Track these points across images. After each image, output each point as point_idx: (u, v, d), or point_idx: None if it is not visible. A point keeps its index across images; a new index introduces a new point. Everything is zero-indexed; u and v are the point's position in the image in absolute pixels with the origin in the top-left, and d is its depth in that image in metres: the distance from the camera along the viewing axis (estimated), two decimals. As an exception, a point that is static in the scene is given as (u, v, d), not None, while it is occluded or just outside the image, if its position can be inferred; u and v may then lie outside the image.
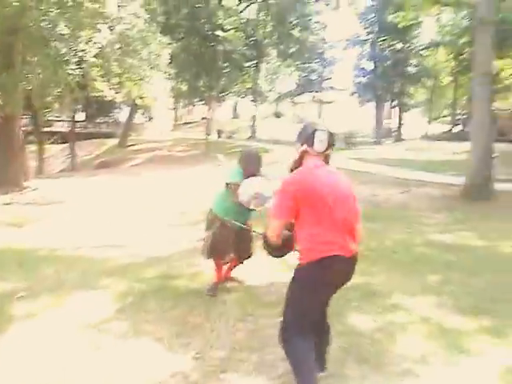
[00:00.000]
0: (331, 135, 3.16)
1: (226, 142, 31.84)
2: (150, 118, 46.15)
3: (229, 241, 4.77)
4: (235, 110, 53.02)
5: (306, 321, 3.10)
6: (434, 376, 3.39)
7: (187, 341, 3.95)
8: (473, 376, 3.40)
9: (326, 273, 2.98)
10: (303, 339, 3.05)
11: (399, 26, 26.72)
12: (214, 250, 4.80)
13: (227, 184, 4.70)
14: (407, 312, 4.61)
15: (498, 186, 12.64)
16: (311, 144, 3.12)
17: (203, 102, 38.40)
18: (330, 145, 3.17)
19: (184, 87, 33.93)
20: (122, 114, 38.99)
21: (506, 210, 11.04)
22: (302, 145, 3.18)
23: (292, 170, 3.21)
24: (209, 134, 29.72)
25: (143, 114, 42.76)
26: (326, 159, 3.21)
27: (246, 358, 3.67)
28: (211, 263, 5.11)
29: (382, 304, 4.79)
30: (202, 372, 3.46)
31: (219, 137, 36.23)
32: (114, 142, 35.42)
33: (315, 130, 3.14)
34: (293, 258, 6.05)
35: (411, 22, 26.20)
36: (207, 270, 5.76)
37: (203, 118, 43.06)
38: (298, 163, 3.21)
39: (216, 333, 4.11)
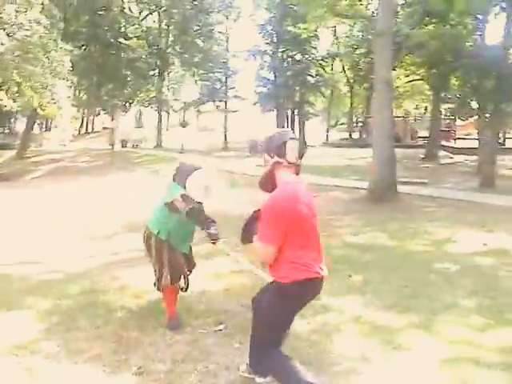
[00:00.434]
0: (302, 144, 3.03)
1: (131, 152, 31.16)
2: (49, 128, 44.08)
3: (182, 262, 4.43)
4: (139, 119, 52.15)
5: (282, 335, 3.13)
6: (376, 372, 3.53)
7: (125, 356, 3.82)
8: (412, 369, 3.57)
9: (308, 292, 3.02)
10: (280, 350, 3.07)
11: (302, 37, 27.82)
12: (173, 278, 4.37)
13: (166, 204, 4.27)
14: (338, 312, 4.76)
15: (398, 188, 13.38)
16: (283, 155, 2.94)
17: (106, 112, 37.35)
18: (301, 154, 3.02)
19: (84, 96, 32.84)
20: (19, 124, 36.94)
21: (409, 210, 11.70)
22: (272, 156, 2.98)
23: (263, 184, 3.07)
24: (113, 144, 28.98)
25: (41, 123, 40.77)
26: (297, 170, 3.04)
27: (190, 369, 3.60)
28: (137, 277, 4.93)
29: (311, 306, 4.86)
30: (147, 387, 3.37)
31: (123, 146, 35.33)
32: (11, 153, 33.37)
33: (286, 139, 2.96)
34: (222, 267, 6.10)
35: (310, 34, 27.40)
36: (133, 283, 5.64)
37: (104, 128, 41.87)
38: (270, 176, 3.03)
39: (154, 346, 4.00)
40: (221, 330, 4.32)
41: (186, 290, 4.60)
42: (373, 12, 24.23)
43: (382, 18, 13.50)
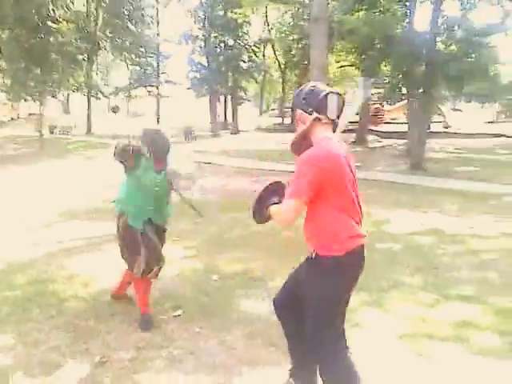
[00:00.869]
0: (342, 98, 2.70)
1: (62, 139, 30.12)
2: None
3: (158, 246, 4.18)
4: (67, 104, 50.27)
5: (342, 318, 2.76)
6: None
7: (85, 346, 3.76)
8: (372, 346, 3.72)
9: (362, 263, 2.69)
10: (344, 342, 2.76)
11: (234, 22, 27.62)
12: (148, 267, 4.08)
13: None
14: (293, 294, 4.85)
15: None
16: (324, 110, 2.62)
17: (32, 97, 35.69)
18: (341, 111, 2.70)
19: (9, 81, 31.26)
20: None
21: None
22: (310, 112, 2.63)
23: (298, 146, 2.72)
24: (40, 131, 27.80)
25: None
26: (335, 127, 2.72)
27: (154, 355, 3.60)
28: (84, 265, 4.78)
29: (267, 289, 4.96)
30: (113, 376, 3.34)
31: (52, 133, 34.04)
32: None
33: (327, 92, 2.62)
34: (171, 252, 6.04)
35: (245, 20, 27.29)
36: (81, 272, 5.52)
37: (31, 114, 40.09)
38: (307, 134, 2.69)
39: (114, 334, 3.96)
40: (180, 315, 4.33)
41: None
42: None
43: (316, 4, 13.70)
